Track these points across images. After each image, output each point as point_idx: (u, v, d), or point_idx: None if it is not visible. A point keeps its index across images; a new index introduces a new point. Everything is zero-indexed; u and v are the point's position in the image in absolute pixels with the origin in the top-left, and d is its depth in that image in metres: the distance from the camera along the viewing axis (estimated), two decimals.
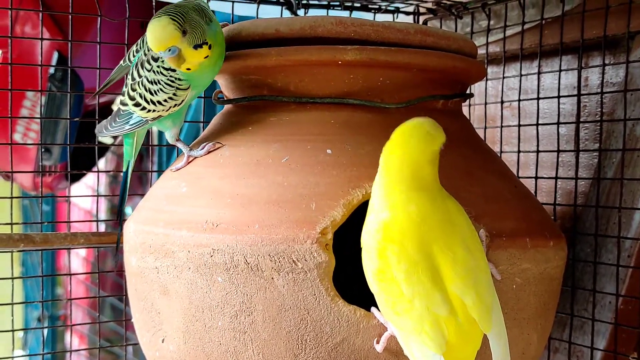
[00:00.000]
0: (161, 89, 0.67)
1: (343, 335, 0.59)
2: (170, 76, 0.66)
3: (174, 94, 0.67)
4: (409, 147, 0.55)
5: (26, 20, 1.28)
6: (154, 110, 0.68)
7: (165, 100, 0.67)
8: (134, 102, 0.68)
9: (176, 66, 0.64)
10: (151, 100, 0.67)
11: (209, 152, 0.68)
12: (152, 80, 0.67)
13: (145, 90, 0.67)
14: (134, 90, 0.68)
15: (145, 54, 0.67)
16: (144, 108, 0.68)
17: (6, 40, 0.88)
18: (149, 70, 0.67)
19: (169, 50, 0.62)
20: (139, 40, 0.71)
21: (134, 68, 0.69)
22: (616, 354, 0.81)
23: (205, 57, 0.64)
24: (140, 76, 0.68)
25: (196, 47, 0.63)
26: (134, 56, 0.70)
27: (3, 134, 1.33)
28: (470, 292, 0.54)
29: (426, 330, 0.54)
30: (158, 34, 0.61)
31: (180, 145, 0.72)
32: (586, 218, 0.86)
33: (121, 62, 0.73)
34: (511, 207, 0.67)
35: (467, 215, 0.58)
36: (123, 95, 0.70)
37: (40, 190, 0.99)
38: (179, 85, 0.66)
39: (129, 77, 0.69)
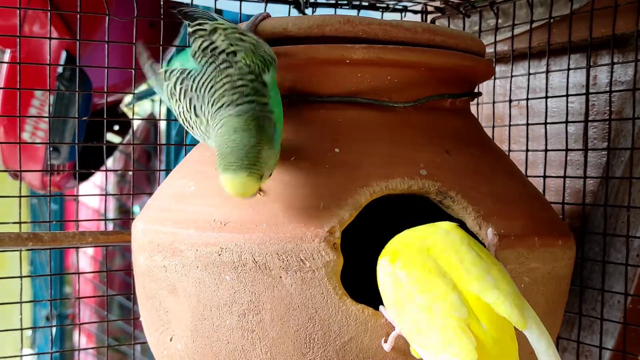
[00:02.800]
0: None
1: (351, 334, 0.59)
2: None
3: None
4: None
5: (34, 19, 1.28)
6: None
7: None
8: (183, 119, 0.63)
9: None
10: (193, 125, 0.62)
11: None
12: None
13: (191, 117, 0.62)
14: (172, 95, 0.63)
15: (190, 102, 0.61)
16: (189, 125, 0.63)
17: (15, 39, 0.88)
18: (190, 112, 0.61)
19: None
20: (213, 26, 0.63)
21: (179, 84, 0.61)
22: (625, 353, 0.80)
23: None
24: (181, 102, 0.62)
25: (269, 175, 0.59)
26: (197, 56, 0.62)
27: (12, 133, 1.34)
28: (490, 288, 0.52)
29: (452, 339, 0.50)
30: (239, 190, 0.56)
31: None
32: (595, 217, 0.86)
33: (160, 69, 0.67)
34: (519, 207, 0.67)
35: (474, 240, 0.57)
36: (163, 76, 0.63)
37: (49, 189, 0.99)
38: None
39: (174, 82, 0.62)
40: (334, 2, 1.00)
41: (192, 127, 0.62)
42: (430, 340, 0.52)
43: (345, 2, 0.99)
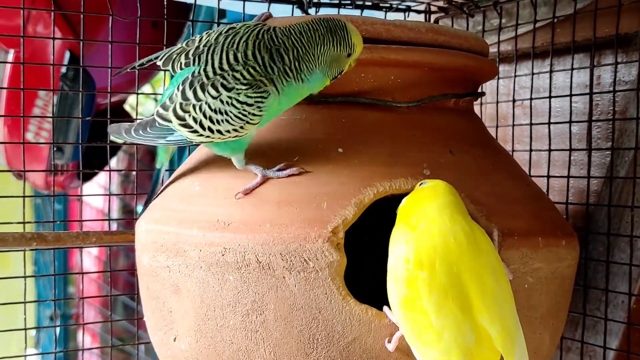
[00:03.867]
0: (227, 120, 0.60)
1: (355, 335, 0.59)
2: (244, 110, 0.60)
3: (241, 127, 0.61)
4: (438, 189, 0.58)
5: (38, 19, 1.28)
6: (207, 136, 0.62)
7: (227, 131, 0.61)
8: (182, 122, 0.62)
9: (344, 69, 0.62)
10: (209, 128, 0.61)
11: (290, 176, 0.63)
12: (217, 110, 0.60)
13: (205, 117, 0.61)
14: (184, 111, 0.61)
15: (207, 77, 0.60)
16: (195, 131, 0.62)
17: (18, 39, 0.88)
18: (214, 98, 0.60)
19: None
20: (182, 45, 0.64)
21: (185, 85, 0.61)
22: (629, 353, 0.80)
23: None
24: (198, 99, 0.60)
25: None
26: (180, 67, 0.63)
27: (15, 133, 1.34)
28: (497, 324, 0.54)
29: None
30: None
31: (252, 168, 0.64)
32: (598, 217, 0.86)
33: (157, 60, 0.67)
34: (523, 206, 0.67)
35: (491, 242, 0.58)
36: (164, 108, 0.62)
37: (53, 189, 0.99)
38: (250, 119, 0.61)
39: (176, 93, 0.62)
40: (337, 2, 1.00)
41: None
42: (431, 354, 0.54)
43: (349, 2, 0.99)
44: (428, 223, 0.56)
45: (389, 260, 0.57)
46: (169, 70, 0.65)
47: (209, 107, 0.61)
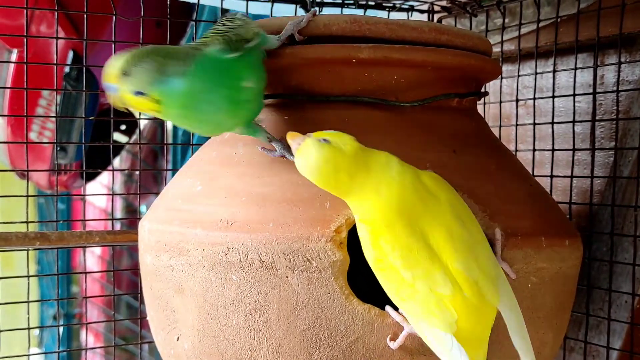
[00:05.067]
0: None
1: (357, 334, 0.59)
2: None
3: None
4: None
5: (41, 19, 1.28)
6: None
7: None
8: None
9: (115, 104, 0.58)
10: None
11: None
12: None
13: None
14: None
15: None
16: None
17: (22, 39, 0.88)
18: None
19: (108, 86, 0.56)
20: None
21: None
22: (632, 353, 0.80)
23: (154, 111, 0.57)
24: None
25: (137, 93, 0.55)
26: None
27: (19, 133, 1.34)
28: (473, 267, 0.54)
29: (433, 311, 0.53)
30: (105, 67, 0.56)
31: (274, 144, 0.64)
32: (602, 217, 0.86)
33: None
34: (526, 206, 0.67)
35: (452, 189, 0.57)
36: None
37: (56, 189, 1.00)
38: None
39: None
40: (340, 1, 1.00)
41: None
42: (413, 309, 0.55)
43: (352, 1, 0.99)
44: (378, 186, 0.56)
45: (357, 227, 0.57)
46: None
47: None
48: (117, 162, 2.00)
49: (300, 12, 0.97)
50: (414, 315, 0.55)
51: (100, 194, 2.11)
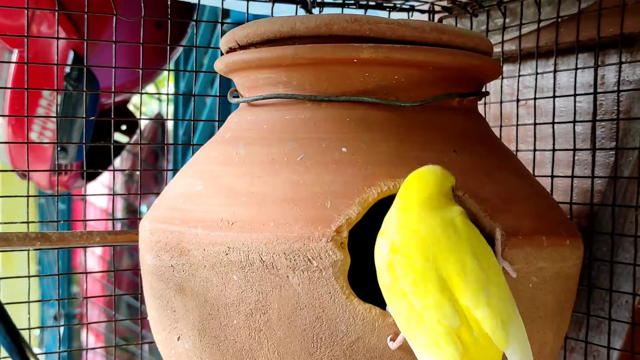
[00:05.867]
0: None
1: (358, 334, 0.59)
2: None
3: None
4: (422, 183, 0.57)
5: (42, 19, 1.28)
6: None
7: None
8: None
9: None
10: None
11: None
12: None
13: None
14: None
15: None
16: None
17: (22, 39, 0.89)
18: None
19: None
20: None
21: None
22: (633, 353, 0.80)
23: None
24: None
25: None
26: None
27: (19, 133, 1.34)
28: (482, 304, 0.53)
29: (439, 343, 0.53)
30: None
31: None
32: (602, 217, 0.86)
33: None
34: (527, 206, 0.67)
35: (475, 229, 0.57)
36: None
37: (57, 189, 1.00)
38: None
39: None
40: (341, 1, 1.00)
41: None
42: (419, 339, 0.54)
43: (352, 1, 0.99)
44: (406, 213, 0.56)
45: (374, 254, 0.57)
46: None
47: None
48: (117, 162, 2.00)
49: (301, 12, 0.97)
50: (420, 346, 0.54)
51: (101, 194, 2.11)
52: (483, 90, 0.76)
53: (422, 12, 1.06)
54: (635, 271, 0.80)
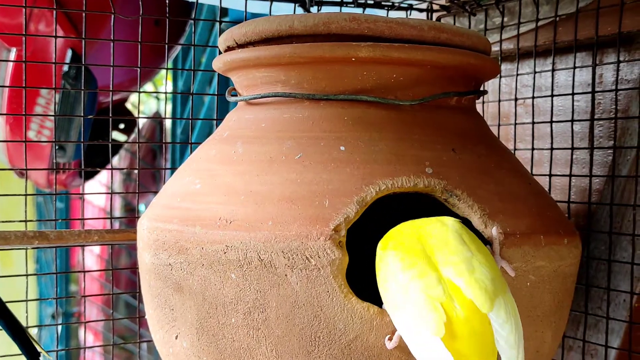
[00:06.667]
0: None
1: (356, 332, 0.59)
2: None
3: None
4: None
5: (40, 18, 1.28)
6: None
7: None
8: None
9: None
10: None
11: None
12: None
13: None
14: None
15: None
16: None
17: (20, 38, 0.88)
18: None
19: None
20: None
21: None
22: (631, 352, 0.80)
23: None
24: None
25: None
26: None
27: (17, 132, 1.34)
28: (463, 273, 0.53)
29: (422, 314, 0.52)
30: None
31: None
32: (600, 216, 0.86)
33: None
34: (525, 205, 0.67)
35: (474, 235, 0.58)
36: None
37: (54, 188, 0.99)
38: None
39: None
40: (339, 0, 1.00)
41: None
42: (405, 315, 0.54)
43: (351, 0, 0.99)
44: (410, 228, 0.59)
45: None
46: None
47: None
48: (115, 160, 2.00)
49: (299, 10, 0.97)
50: (407, 324, 0.54)
51: (99, 193, 2.10)
52: (481, 89, 0.76)
53: (421, 10, 1.06)
54: (633, 270, 0.80)
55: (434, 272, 0.54)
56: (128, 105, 1.82)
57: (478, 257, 0.55)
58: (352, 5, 1.00)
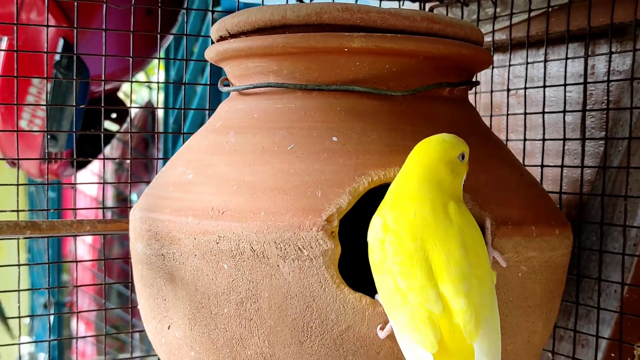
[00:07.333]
0: None
1: (348, 323, 0.59)
2: None
3: None
4: (424, 152, 0.58)
5: (32, 7, 1.27)
6: None
7: None
8: None
9: None
10: None
11: None
12: None
13: None
14: None
15: None
16: None
17: (12, 27, 0.88)
18: None
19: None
20: None
21: None
22: (621, 342, 0.81)
23: None
24: None
25: None
26: None
27: (9, 121, 1.33)
28: (460, 295, 0.53)
29: (419, 326, 0.53)
30: None
31: None
32: (592, 206, 0.86)
33: None
34: (517, 195, 0.67)
35: (476, 225, 0.58)
36: None
37: (46, 177, 0.99)
38: None
39: None
40: None
41: None
42: (400, 320, 0.55)
43: None
44: (404, 185, 0.58)
45: (368, 229, 0.58)
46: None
47: None
48: (108, 150, 2.00)
49: (292, 0, 0.97)
50: (400, 324, 0.55)
51: (91, 183, 2.10)
52: (473, 79, 0.76)
53: (413, 1, 1.06)
54: (624, 260, 0.81)
55: (432, 289, 0.54)
56: (120, 95, 1.81)
57: (475, 268, 0.55)
58: None
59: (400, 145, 0.64)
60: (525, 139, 0.91)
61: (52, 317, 1.04)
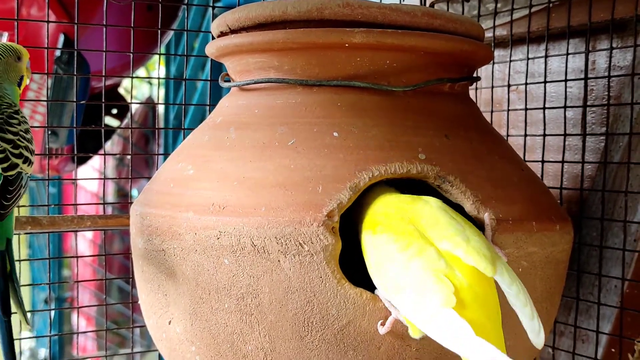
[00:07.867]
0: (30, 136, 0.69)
1: (349, 318, 0.60)
2: (23, 117, 0.68)
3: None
4: None
5: (32, 2, 1.27)
6: (32, 162, 0.68)
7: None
8: (23, 160, 0.67)
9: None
10: (32, 150, 0.68)
11: None
12: (27, 130, 0.68)
13: (28, 142, 0.68)
14: (17, 148, 0.66)
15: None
16: (29, 161, 0.68)
17: (12, 22, 0.88)
18: (18, 124, 0.67)
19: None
20: None
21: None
22: (621, 337, 0.81)
23: None
24: (15, 134, 0.66)
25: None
26: None
27: None
28: (461, 244, 0.53)
29: (429, 289, 0.51)
30: None
31: None
32: (592, 202, 0.86)
33: None
34: (518, 191, 0.67)
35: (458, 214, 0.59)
36: (4, 162, 0.65)
37: (47, 173, 0.99)
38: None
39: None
40: None
41: None
42: (410, 295, 0.53)
43: None
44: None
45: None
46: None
47: (22, 131, 0.68)
48: (108, 146, 2.00)
49: None
50: (413, 302, 0.53)
51: (91, 178, 2.10)
52: (474, 75, 0.76)
53: None
54: (625, 256, 0.81)
55: (431, 247, 0.54)
56: (121, 90, 1.82)
57: (469, 229, 0.56)
58: None
59: (400, 140, 0.64)
60: (525, 135, 0.91)
61: (52, 313, 1.04)
